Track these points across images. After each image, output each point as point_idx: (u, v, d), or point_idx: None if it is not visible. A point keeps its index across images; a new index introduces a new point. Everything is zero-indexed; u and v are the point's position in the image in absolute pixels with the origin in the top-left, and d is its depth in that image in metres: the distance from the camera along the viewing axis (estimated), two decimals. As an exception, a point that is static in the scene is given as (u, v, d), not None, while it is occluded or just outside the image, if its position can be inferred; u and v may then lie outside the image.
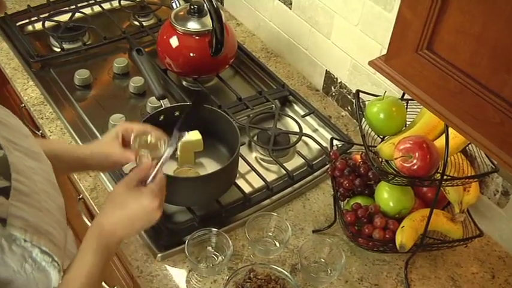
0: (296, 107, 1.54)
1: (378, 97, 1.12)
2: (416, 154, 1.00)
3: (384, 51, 0.83)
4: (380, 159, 1.10)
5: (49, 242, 0.78)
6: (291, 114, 1.51)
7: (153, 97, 1.39)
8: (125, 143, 1.07)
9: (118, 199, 0.93)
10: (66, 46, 1.64)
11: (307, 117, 1.49)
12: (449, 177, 1.04)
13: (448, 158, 1.00)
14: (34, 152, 0.86)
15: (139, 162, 1.02)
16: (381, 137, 1.17)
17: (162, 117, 1.24)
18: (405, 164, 1.01)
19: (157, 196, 0.93)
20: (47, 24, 1.70)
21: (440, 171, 1.00)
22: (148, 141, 1.06)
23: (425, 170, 1.01)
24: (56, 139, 1.35)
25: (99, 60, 1.63)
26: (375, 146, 1.11)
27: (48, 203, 0.82)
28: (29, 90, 1.52)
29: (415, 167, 1.00)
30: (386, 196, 1.13)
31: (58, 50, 1.64)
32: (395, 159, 1.02)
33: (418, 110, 1.15)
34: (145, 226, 0.94)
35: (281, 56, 1.72)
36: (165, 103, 1.31)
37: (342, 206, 1.20)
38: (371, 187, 1.19)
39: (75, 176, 1.30)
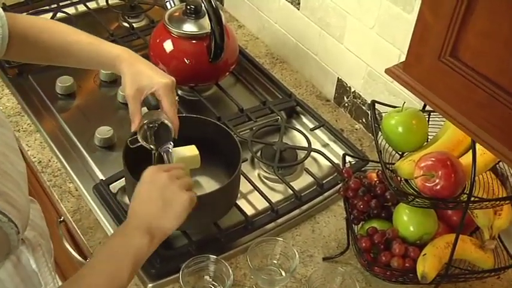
0: (304, 119, 1.55)
1: (396, 108, 1.13)
2: (440, 173, 1.01)
3: (403, 57, 0.85)
4: (398, 178, 1.11)
5: (5, 203, 0.83)
6: (298, 127, 1.52)
7: (145, 108, 1.40)
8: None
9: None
10: (48, 50, 1.66)
11: (317, 131, 1.51)
12: (477, 199, 1.04)
13: (476, 177, 1.01)
14: None
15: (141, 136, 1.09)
16: (400, 153, 1.18)
17: (149, 134, 1.25)
18: (427, 184, 1.02)
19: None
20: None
21: (467, 192, 1.00)
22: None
23: (449, 190, 1.01)
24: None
25: (83, 65, 1.65)
26: (393, 163, 1.12)
27: (5, 165, 0.88)
28: (4, 99, 1.54)
29: (438, 187, 1.01)
30: (406, 219, 1.13)
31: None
32: (416, 178, 1.03)
33: (442, 123, 1.16)
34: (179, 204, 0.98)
35: (288, 62, 1.74)
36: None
37: (356, 231, 1.21)
38: (388, 209, 1.20)
39: (56, 196, 1.32)
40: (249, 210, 1.30)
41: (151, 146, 1.11)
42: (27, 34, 1.12)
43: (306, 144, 1.43)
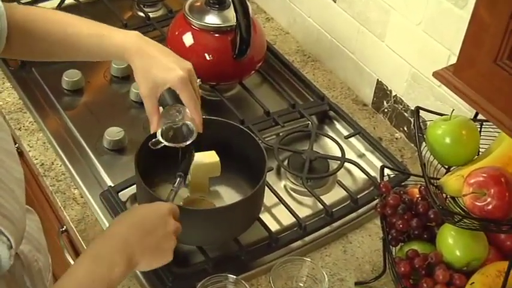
0: (338, 126, 1.56)
1: (444, 116, 1.13)
2: (492, 191, 1.00)
3: (453, 59, 0.85)
4: (444, 195, 1.10)
5: None
6: (331, 134, 1.53)
7: (160, 107, 1.42)
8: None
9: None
10: (53, 40, 1.69)
11: (352, 139, 1.51)
12: (534, 222, 1.04)
13: (533, 197, 1.01)
14: None
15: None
16: (446, 167, 1.17)
17: (171, 133, 1.27)
18: (477, 203, 1.02)
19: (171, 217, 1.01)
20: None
21: (523, 213, 1.00)
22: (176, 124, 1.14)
23: (503, 211, 1.01)
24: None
25: (93, 58, 1.67)
26: (438, 178, 1.12)
27: None
28: (4, 94, 1.57)
29: (490, 206, 1.00)
30: (452, 242, 1.13)
31: (43, 44, 1.69)
32: (464, 195, 1.03)
33: (495, 135, 1.16)
34: (157, 244, 0.99)
35: (321, 61, 1.75)
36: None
37: (394, 253, 1.20)
38: (432, 230, 1.19)
39: (59, 203, 1.34)
40: (274, 226, 1.30)
41: (176, 145, 1.14)
42: (26, 26, 1.14)
43: (339, 154, 1.44)
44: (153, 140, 1.14)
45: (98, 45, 1.16)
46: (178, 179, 1.15)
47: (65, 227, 1.40)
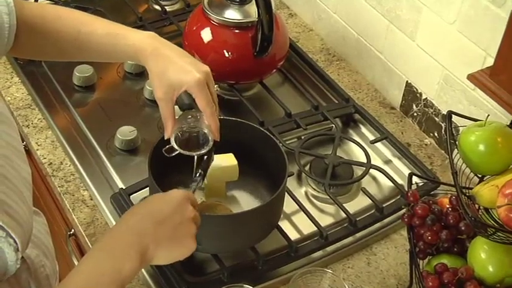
0: (363, 130, 1.56)
1: (478, 122, 1.12)
2: (528, 202, 1.00)
3: (489, 61, 0.85)
4: (477, 206, 1.10)
5: (4, 214, 0.83)
6: (356, 138, 1.52)
7: (176, 106, 1.42)
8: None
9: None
10: (64, 33, 1.71)
11: (378, 144, 1.51)
12: None
13: None
14: None
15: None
16: (480, 176, 1.17)
17: (186, 139, 1.28)
18: (512, 215, 1.01)
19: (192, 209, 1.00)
20: (40, 2, 1.76)
21: (561, 228, 0.99)
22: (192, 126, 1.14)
23: (539, 224, 1.00)
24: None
25: (106, 53, 1.69)
26: (471, 188, 1.11)
27: (6, 169, 0.88)
28: (12, 89, 1.58)
29: (526, 219, 1.00)
30: (484, 257, 1.12)
31: (54, 37, 1.71)
32: (499, 207, 1.02)
33: (533, 143, 1.15)
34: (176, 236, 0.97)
35: (346, 61, 1.75)
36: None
37: (422, 267, 1.20)
38: (462, 243, 1.19)
39: (67, 205, 1.35)
40: (293, 235, 1.30)
41: (191, 153, 1.13)
42: (36, 24, 1.14)
43: (364, 160, 1.44)
44: (167, 146, 1.14)
45: (113, 45, 1.16)
46: (199, 176, 1.14)
47: (73, 230, 1.41)
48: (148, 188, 1.28)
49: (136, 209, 1.00)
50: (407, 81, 1.57)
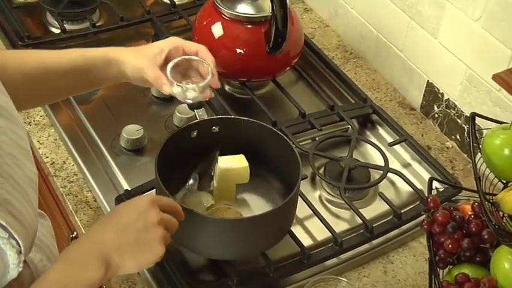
0: (381, 131, 1.56)
1: (503, 125, 1.12)
2: (556, 210, 0.99)
3: (517, 61, 0.84)
4: (501, 213, 1.10)
5: (7, 214, 0.83)
6: (373, 140, 1.52)
7: (184, 104, 1.43)
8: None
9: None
10: (68, 27, 1.71)
11: (397, 147, 1.51)
12: None
13: None
14: (2, 107, 0.93)
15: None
16: (504, 181, 1.16)
17: (195, 133, 1.27)
18: (538, 223, 1.01)
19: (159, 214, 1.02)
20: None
21: None
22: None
23: None
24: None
25: (112, 48, 1.69)
26: (495, 194, 1.11)
27: (12, 168, 0.89)
28: (14, 84, 1.59)
29: (553, 228, 0.99)
30: (508, 267, 1.12)
31: (57, 31, 1.71)
32: (524, 214, 1.02)
33: (561, 147, 1.14)
34: (140, 247, 0.99)
35: (364, 58, 1.74)
36: (201, 114, 1.34)
37: (442, 277, 1.20)
38: (485, 252, 1.18)
39: (70, 207, 1.35)
40: (306, 241, 1.30)
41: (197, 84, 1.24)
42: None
43: (381, 163, 1.43)
44: (187, 101, 1.25)
45: (81, 57, 1.23)
46: (192, 180, 1.16)
47: (75, 232, 1.41)
48: (154, 190, 1.28)
49: (101, 219, 1.04)
50: (428, 80, 1.57)
